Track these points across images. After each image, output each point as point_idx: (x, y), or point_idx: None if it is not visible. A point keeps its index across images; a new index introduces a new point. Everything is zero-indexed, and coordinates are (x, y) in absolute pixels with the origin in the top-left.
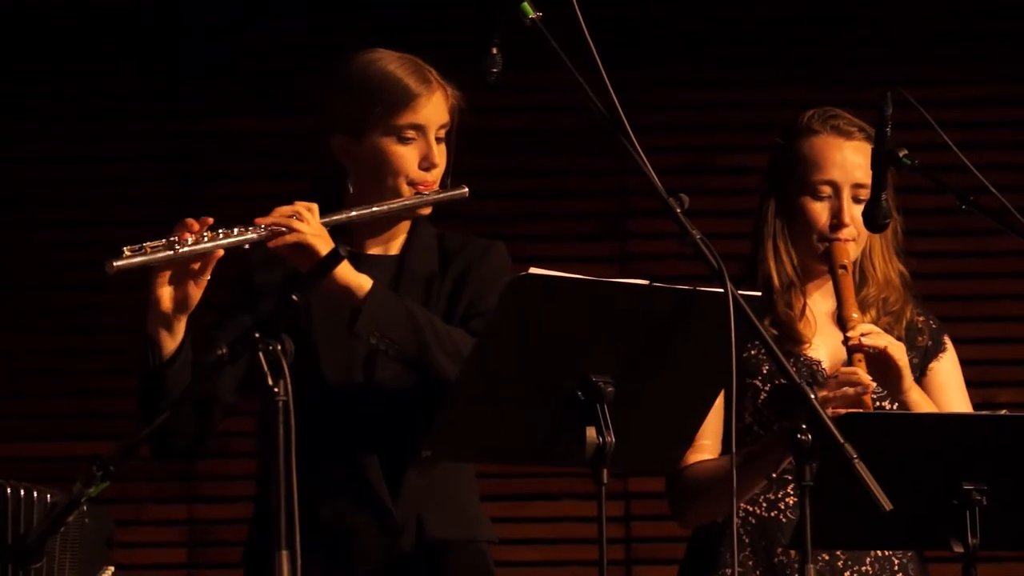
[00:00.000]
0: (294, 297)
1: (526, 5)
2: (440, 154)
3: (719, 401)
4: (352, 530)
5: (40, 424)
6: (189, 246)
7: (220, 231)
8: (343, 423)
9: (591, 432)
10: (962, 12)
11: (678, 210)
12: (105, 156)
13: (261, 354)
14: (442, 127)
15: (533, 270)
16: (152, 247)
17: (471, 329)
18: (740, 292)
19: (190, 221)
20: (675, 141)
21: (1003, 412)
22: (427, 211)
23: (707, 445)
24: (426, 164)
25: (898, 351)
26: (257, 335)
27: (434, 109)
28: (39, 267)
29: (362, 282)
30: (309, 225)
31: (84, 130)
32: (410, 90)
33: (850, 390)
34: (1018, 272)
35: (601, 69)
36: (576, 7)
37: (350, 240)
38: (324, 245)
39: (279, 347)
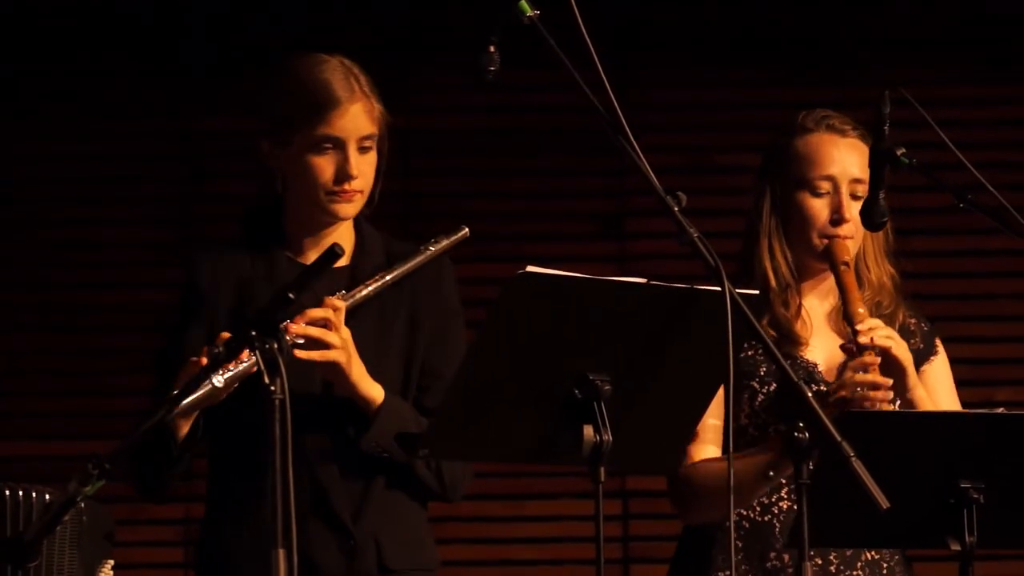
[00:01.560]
0: (291, 295)
1: (524, 3)
2: (363, 164)
3: (721, 396)
4: (313, 550)
5: (37, 423)
6: (224, 381)
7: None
8: (302, 443)
9: (588, 430)
10: (960, 12)
11: (675, 209)
12: (105, 155)
13: (257, 352)
14: (366, 138)
15: (531, 268)
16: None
17: (427, 406)
18: (738, 291)
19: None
20: (673, 140)
21: (1000, 410)
22: (366, 212)
23: (710, 440)
24: (342, 175)
25: (902, 349)
26: (254, 333)
27: (352, 120)
28: (37, 266)
29: (375, 394)
30: (339, 337)
31: (84, 129)
32: (329, 100)
33: (877, 394)
34: (1016, 271)
35: (599, 68)
36: (574, 5)
37: (287, 249)
38: (348, 358)
39: (276, 345)
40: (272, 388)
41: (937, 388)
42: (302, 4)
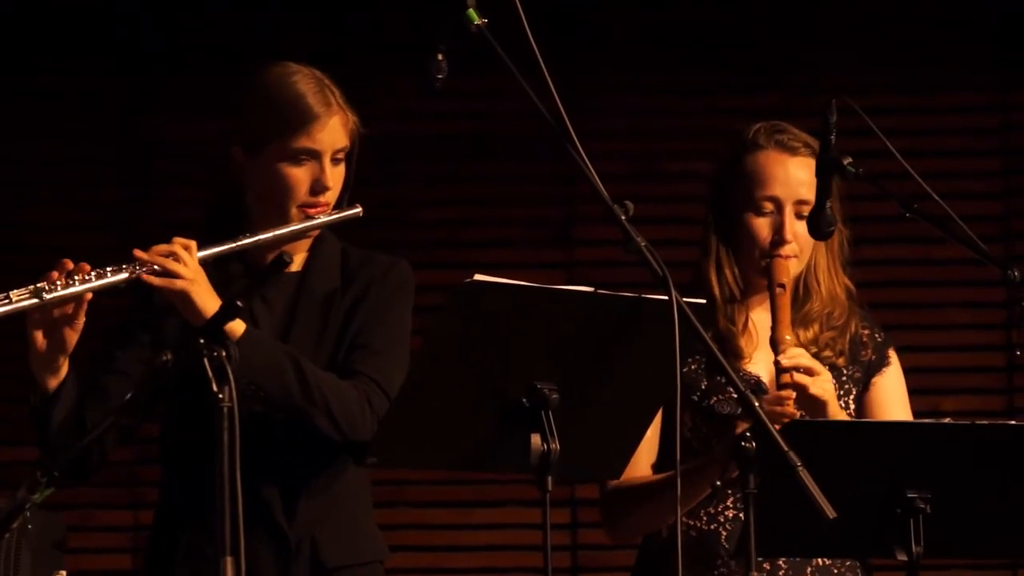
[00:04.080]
0: (239, 304)
1: (472, 12)
2: (335, 176)
3: (656, 417)
4: (250, 554)
5: None
6: (56, 292)
7: (93, 272)
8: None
9: (536, 439)
10: (906, 19)
11: (623, 217)
12: (54, 159)
13: (205, 359)
14: (339, 150)
15: (478, 277)
16: (18, 295)
17: (354, 362)
18: (685, 299)
19: (64, 261)
20: (621, 147)
21: (947, 420)
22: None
23: (642, 459)
24: (319, 187)
25: (820, 384)
26: (202, 340)
27: (330, 133)
28: None
29: (234, 326)
30: (187, 268)
31: (30, 131)
32: (308, 113)
33: (776, 408)
34: (963, 280)
35: (546, 75)
36: (521, 13)
37: (250, 259)
38: (199, 291)
39: (224, 353)
40: (220, 396)
41: (890, 400)
42: (262, 4)
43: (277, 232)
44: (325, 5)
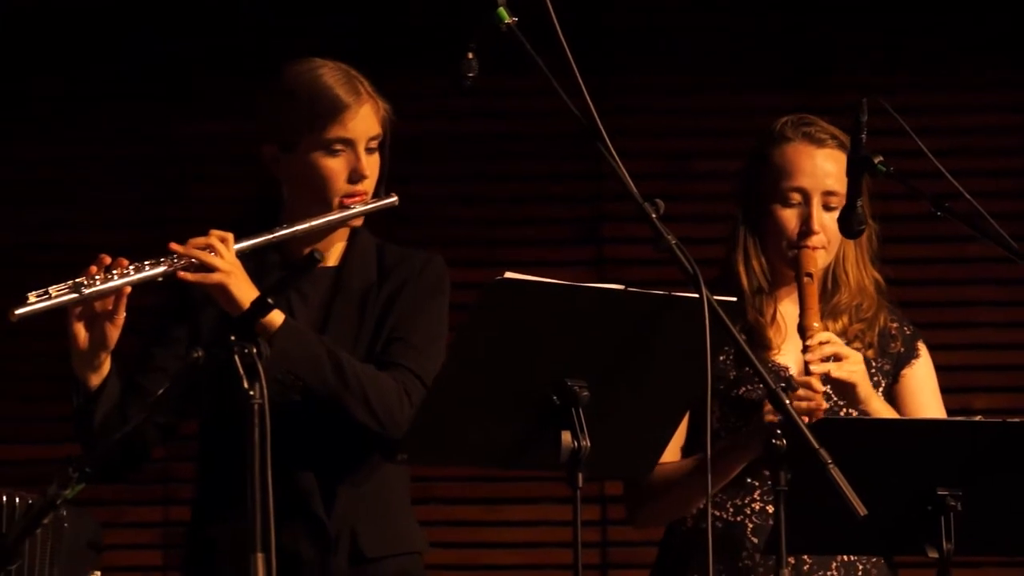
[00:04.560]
0: (270, 300)
1: (502, 10)
2: (371, 165)
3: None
4: (288, 545)
5: (19, 427)
6: (96, 287)
7: (131, 266)
8: (277, 438)
9: (566, 436)
10: (938, 20)
11: (653, 215)
12: (82, 156)
13: (237, 357)
14: (373, 139)
15: (508, 274)
16: (57, 291)
17: (391, 354)
18: (715, 297)
19: (102, 256)
20: (651, 146)
21: (978, 418)
22: (358, 222)
23: (667, 449)
24: (356, 177)
25: (845, 368)
26: (233, 337)
27: (362, 121)
28: (13, 268)
29: (273, 317)
30: (223, 260)
31: (58, 131)
32: (339, 103)
33: (803, 407)
34: (993, 278)
35: (576, 73)
36: (551, 12)
37: (286, 251)
38: (236, 283)
39: (255, 350)
40: (251, 393)
41: (920, 391)
42: (284, 5)
43: (314, 222)
44: (353, 6)
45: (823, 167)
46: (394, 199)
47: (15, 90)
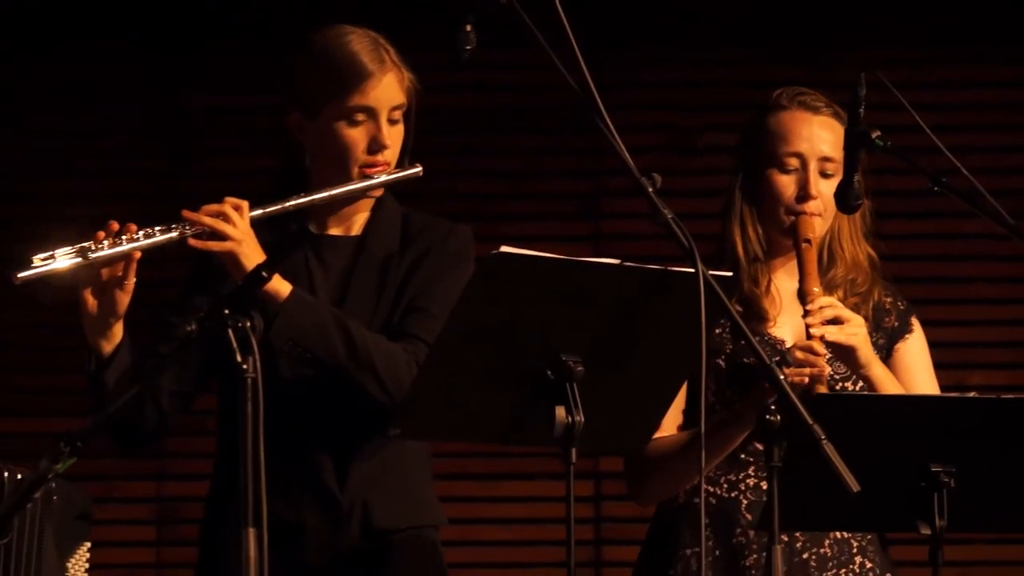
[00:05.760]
0: (264, 274)
1: None
2: (393, 135)
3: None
4: (300, 518)
5: (11, 399)
6: (103, 251)
7: (141, 232)
8: (290, 411)
9: (560, 411)
10: None
11: (650, 189)
12: (94, 130)
13: (230, 330)
14: (396, 108)
15: (505, 248)
16: (63, 254)
17: (407, 324)
18: (711, 272)
19: (111, 222)
20: (649, 120)
21: (972, 394)
22: (378, 192)
23: (666, 424)
24: (376, 146)
25: (850, 330)
26: (226, 311)
27: (385, 90)
28: (13, 241)
29: (280, 288)
30: (236, 228)
31: (67, 104)
32: (362, 71)
33: (805, 372)
34: (990, 254)
35: (575, 47)
36: None
37: (310, 221)
38: (247, 251)
39: (248, 323)
40: (244, 367)
41: (914, 366)
42: None
43: (332, 192)
44: None
45: (819, 133)
46: (418, 169)
47: (26, 61)
